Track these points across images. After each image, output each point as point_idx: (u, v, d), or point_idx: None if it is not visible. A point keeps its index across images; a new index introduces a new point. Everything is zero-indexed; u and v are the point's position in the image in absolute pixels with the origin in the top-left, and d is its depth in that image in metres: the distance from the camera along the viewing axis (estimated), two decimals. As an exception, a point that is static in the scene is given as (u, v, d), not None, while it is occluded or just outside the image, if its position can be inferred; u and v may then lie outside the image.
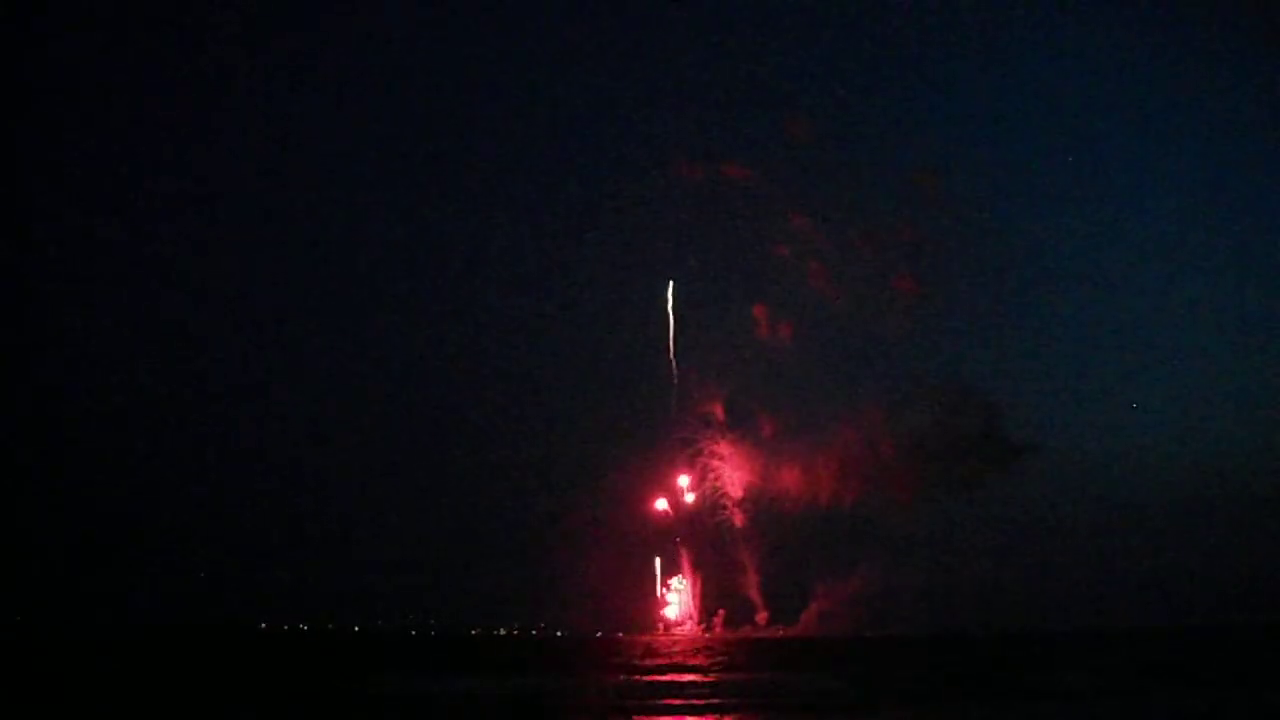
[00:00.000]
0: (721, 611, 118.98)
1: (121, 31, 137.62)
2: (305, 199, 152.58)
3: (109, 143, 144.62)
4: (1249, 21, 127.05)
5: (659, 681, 47.78)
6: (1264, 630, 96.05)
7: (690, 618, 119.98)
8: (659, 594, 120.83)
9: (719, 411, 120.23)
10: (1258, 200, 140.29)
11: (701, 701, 38.59)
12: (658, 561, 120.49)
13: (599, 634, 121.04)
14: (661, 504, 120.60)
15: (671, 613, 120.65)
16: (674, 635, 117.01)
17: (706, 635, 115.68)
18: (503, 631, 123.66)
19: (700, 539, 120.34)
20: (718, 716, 34.34)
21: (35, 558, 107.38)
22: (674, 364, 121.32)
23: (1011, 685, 45.86)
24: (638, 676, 51.00)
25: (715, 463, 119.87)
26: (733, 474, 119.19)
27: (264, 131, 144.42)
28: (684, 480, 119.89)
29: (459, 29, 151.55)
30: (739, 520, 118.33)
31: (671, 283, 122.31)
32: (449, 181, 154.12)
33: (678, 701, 39.09)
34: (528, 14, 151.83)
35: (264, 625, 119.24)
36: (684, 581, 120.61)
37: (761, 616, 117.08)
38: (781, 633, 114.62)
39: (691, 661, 65.04)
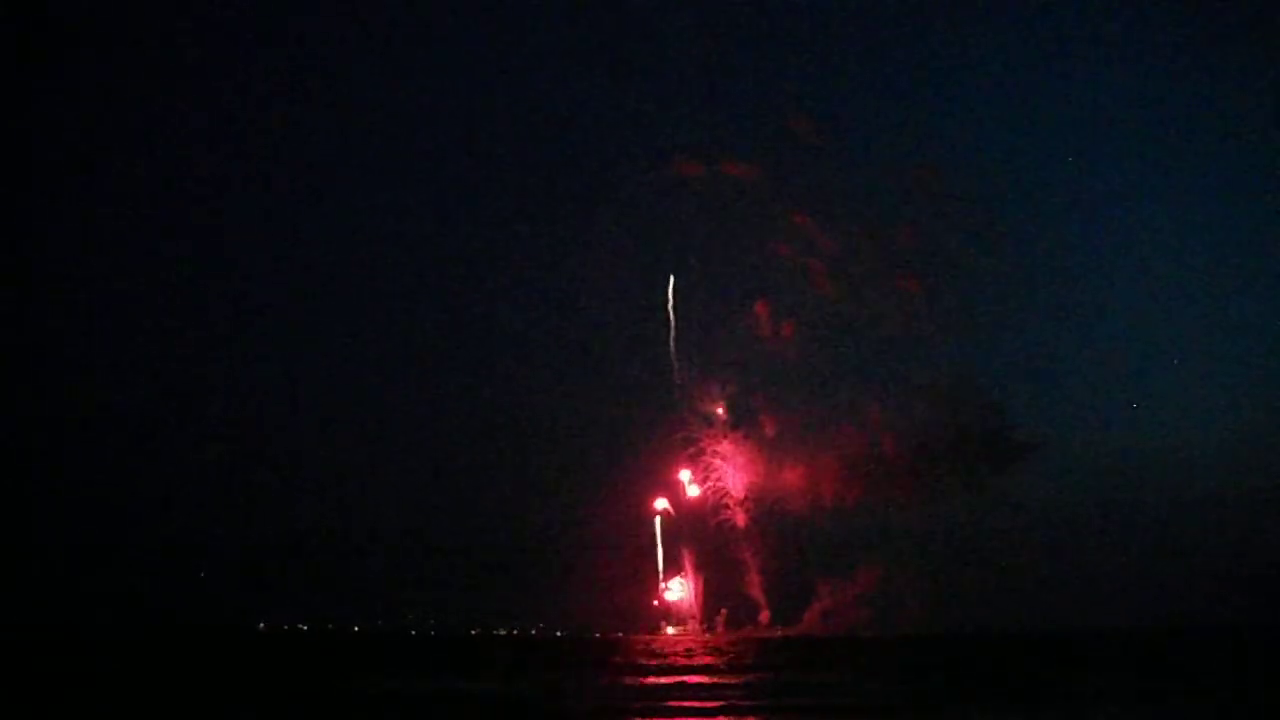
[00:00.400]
0: (724, 611, 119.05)
1: (121, 30, 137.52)
2: (306, 198, 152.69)
3: (108, 142, 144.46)
4: (1250, 21, 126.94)
5: (669, 683, 47.48)
6: (1265, 631, 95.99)
7: (692, 617, 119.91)
8: (660, 594, 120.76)
9: (721, 410, 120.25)
10: (1260, 200, 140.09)
11: (715, 704, 38.33)
12: (659, 561, 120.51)
13: (599, 634, 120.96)
14: (662, 503, 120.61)
15: (672, 613, 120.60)
16: (675, 635, 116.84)
17: (708, 635, 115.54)
18: (502, 631, 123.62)
19: (702, 538, 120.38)
20: (739, 718, 34.20)
21: (35, 558, 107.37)
22: (675, 363, 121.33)
23: (1017, 686, 45.69)
24: (647, 678, 50.69)
25: (717, 462, 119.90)
26: (735, 474, 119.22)
27: (262, 129, 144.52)
28: (685, 475, 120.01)
29: (460, 27, 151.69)
30: (741, 520, 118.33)
31: (672, 281, 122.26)
32: (448, 180, 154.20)
33: (693, 704, 38.79)
34: (527, 11, 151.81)
35: (263, 625, 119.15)
36: (685, 581, 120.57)
37: (764, 616, 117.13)
38: (781, 633, 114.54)
39: (698, 662, 64.71)
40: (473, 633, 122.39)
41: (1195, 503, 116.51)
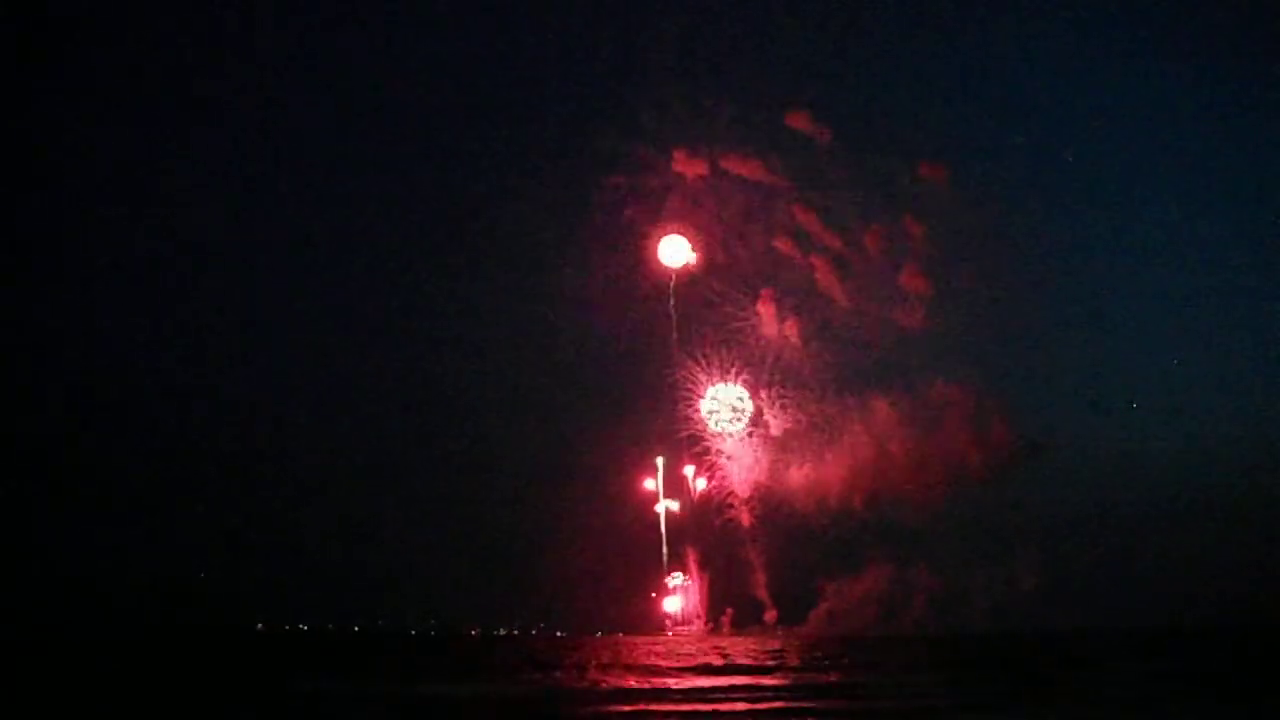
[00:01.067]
0: (729, 611, 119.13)
1: (121, 30, 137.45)
2: (303, 196, 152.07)
3: (107, 138, 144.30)
4: (1252, 21, 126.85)
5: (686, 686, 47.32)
6: (1265, 631, 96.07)
7: (697, 617, 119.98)
8: (664, 593, 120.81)
9: (724, 408, 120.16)
10: (1262, 200, 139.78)
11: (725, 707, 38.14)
12: (664, 560, 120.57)
13: (600, 634, 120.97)
14: (666, 503, 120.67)
15: (676, 612, 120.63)
16: (679, 635, 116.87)
17: (713, 635, 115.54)
18: (502, 631, 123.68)
19: (707, 537, 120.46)
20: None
21: (35, 558, 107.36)
22: (677, 362, 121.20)
23: (1018, 687, 45.64)
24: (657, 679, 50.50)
25: (721, 461, 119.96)
26: (740, 473, 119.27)
27: (256, 124, 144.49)
28: (689, 470, 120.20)
29: (456, 20, 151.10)
30: (746, 519, 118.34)
31: (674, 278, 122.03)
32: (445, 176, 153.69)
33: (708, 707, 38.58)
34: (524, 4, 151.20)
35: (262, 625, 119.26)
36: (689, 581, 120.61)
37: (770, 616, 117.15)
38: (782, 633, 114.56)
39: (705, 662, 64.48)
40: (472, 633, 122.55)
41: (1195, 503, 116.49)
